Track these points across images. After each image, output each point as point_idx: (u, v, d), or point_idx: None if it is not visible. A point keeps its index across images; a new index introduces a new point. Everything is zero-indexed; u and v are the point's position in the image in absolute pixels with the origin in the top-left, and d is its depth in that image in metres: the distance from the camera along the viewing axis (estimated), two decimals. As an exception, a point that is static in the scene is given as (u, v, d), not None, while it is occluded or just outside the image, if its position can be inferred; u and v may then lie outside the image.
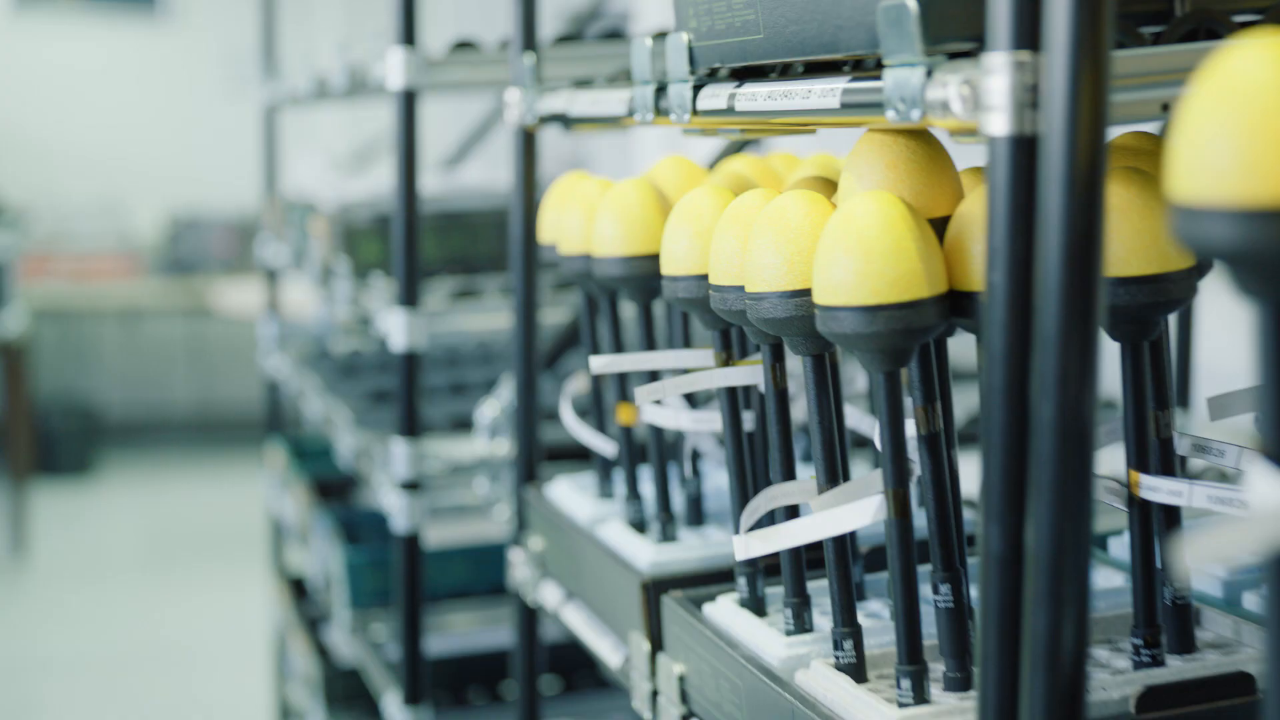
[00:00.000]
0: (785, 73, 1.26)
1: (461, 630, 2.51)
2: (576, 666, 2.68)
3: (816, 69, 1.22)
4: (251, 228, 5.91)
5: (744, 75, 1.28)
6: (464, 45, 2.24)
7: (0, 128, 7.59)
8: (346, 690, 2.77)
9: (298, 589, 3.48)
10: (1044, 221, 0.83)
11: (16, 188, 7.41)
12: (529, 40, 1.81)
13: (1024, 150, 0.85)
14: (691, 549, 1.43)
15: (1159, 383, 1.08)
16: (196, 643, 4.98)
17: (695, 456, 1.52)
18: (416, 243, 2.18)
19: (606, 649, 1.50)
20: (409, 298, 2.20)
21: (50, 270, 7.19)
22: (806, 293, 1.08)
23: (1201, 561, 0.66)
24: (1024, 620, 0.85)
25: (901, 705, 1.04)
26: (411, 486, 2.24)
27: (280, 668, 3.75)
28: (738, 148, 2.09)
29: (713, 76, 1.32)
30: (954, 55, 0.94)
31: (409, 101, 2.19)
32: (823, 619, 1.22)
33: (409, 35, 2.18)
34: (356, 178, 3.50)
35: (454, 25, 5.34)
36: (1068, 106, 0.81)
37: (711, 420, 1.38)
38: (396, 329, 2.20)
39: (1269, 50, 0.68)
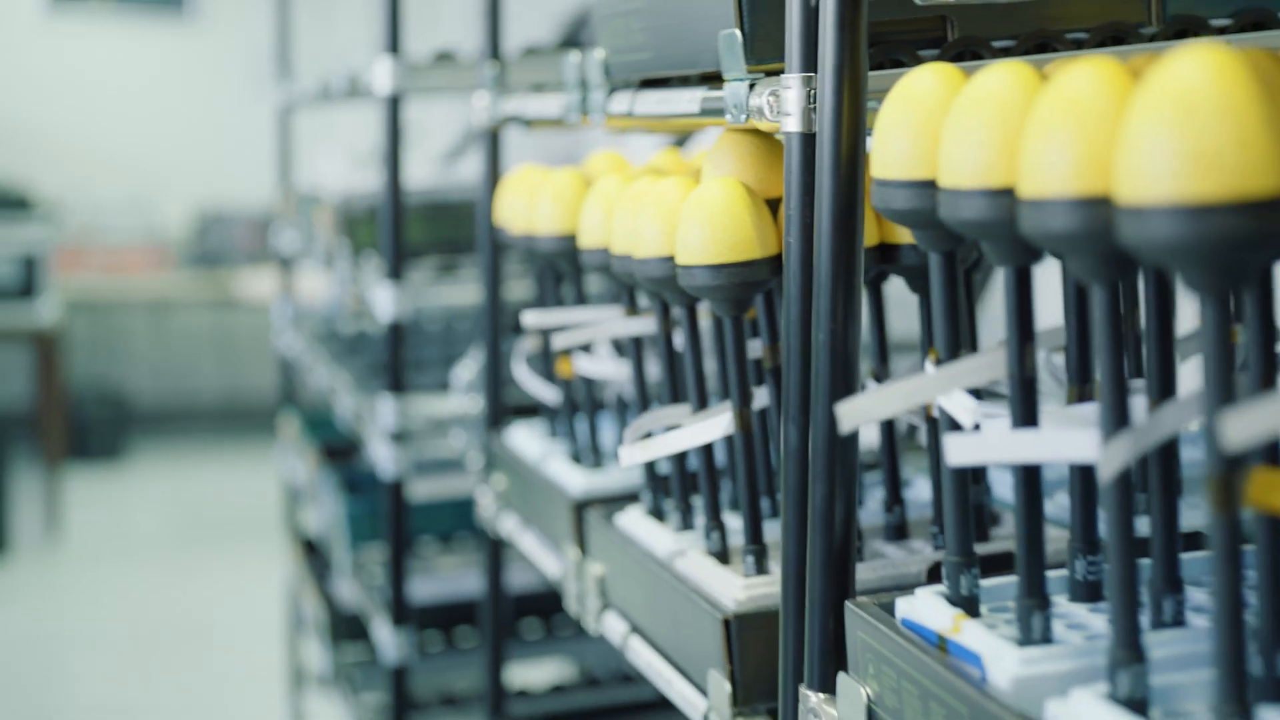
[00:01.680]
0: (685, 83, 1.55)
1: (448, 574, 2.79)
2: (556, 611, 2.96)
3: (709, 79, 1.51)
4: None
5: (651, 85, 1.57)
6: (444, 55, 2.53)
7: (35, 126, 7.76)
8: (349, 630, 3.08)
9: (309, 548, 3.79)
10: (819, 196, 1.12)
11: (50, 184, 7.56)
12: (494, 50, 2.10)
13: (808, 145, 1.15)
14: (615, 476, 1.72)
15: (954, 327, 1.36)
16: (219, 618, 5.14)
17: (622, 402, 1.81)
18: (402, 226, 2.47)
19: (550, 562, 1.79)
20: (395, 272, 2.49)
21: (82, 263, 7.34)
22: (679, 256, 1.37)
23: (865, 414, 0.96)
24: (809, 496, 1.15)
25: (746, 577, 1.33)
26: (398, 438, 2.54)
27: (294, 625, 4.04)
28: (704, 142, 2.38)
29: (628, 85, 1.61)
30: (771, 73, 1.23)
31: (394, 105, 2.47)
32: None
33: (394, 44, 2.46)
34: (373, 171, 3.76)
35: (461, 33, 5.60)
36: (833, 113, 1.10)
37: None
38: (384, 300, 2.49)
39: (935, 71, 0.98)
